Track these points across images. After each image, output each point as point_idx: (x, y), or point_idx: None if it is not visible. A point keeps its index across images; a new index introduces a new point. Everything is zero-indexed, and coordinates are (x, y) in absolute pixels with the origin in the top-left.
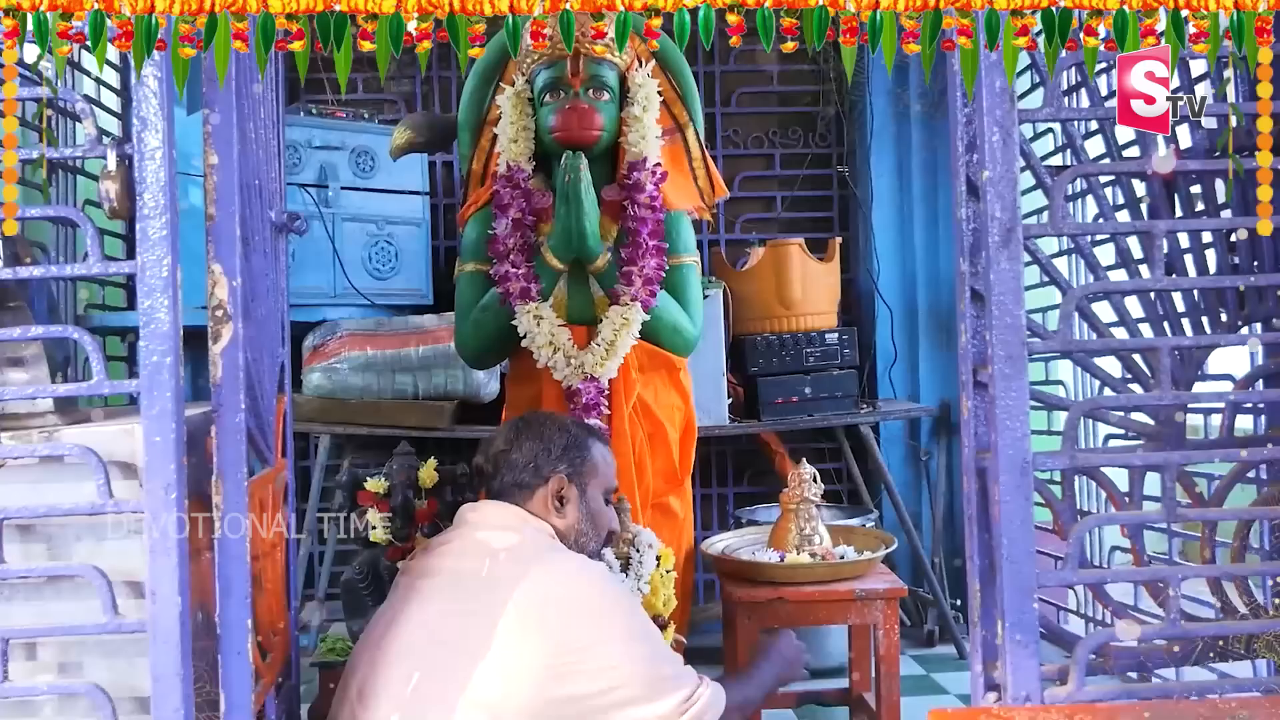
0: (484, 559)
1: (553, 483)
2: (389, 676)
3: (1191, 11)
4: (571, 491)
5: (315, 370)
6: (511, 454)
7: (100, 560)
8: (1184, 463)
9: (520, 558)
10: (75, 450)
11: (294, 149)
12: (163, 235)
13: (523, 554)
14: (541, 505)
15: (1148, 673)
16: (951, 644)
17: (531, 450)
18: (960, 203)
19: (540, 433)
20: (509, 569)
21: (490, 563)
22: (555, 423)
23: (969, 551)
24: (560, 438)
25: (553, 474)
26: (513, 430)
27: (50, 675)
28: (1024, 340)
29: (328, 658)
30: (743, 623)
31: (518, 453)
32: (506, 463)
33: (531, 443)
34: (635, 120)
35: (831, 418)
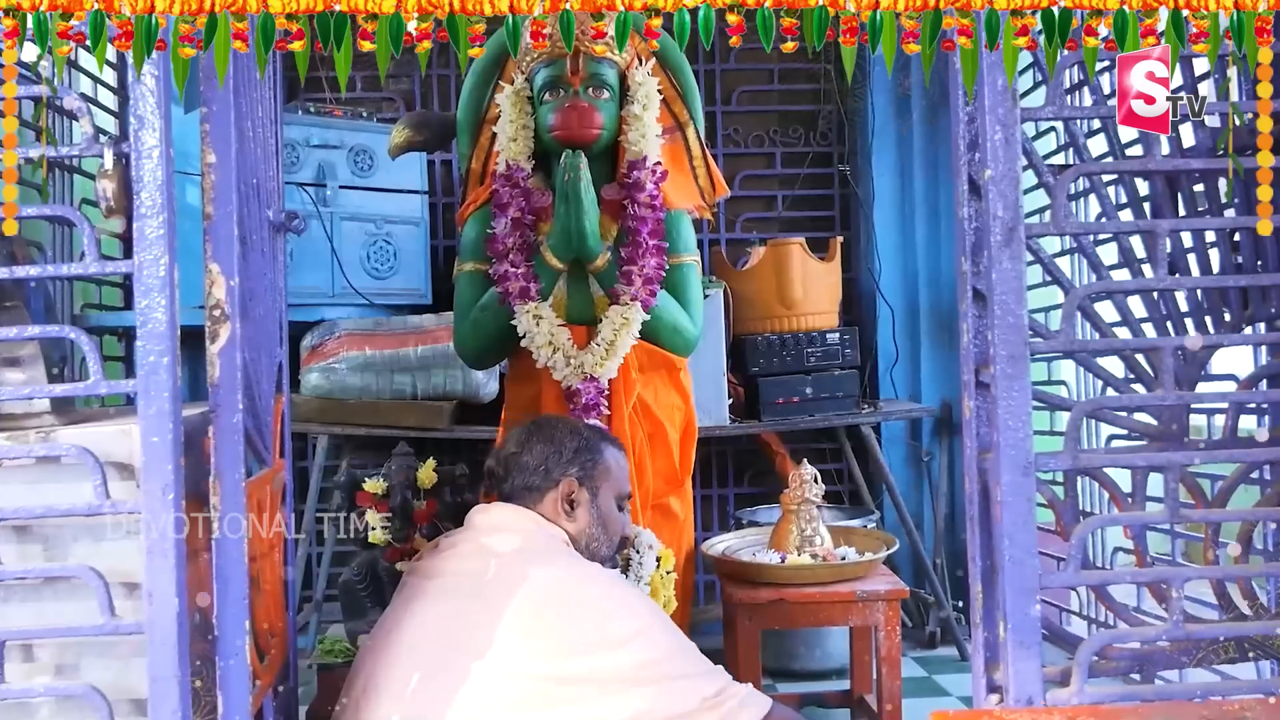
0: (488, 561)
1: (563, 486)
2: (391, 676)
3: (1191, 11)
4: (582, 495)
5: (313, 370)
6: (522, 456)
7: (97, 561)
8: (1187, 463)
9: (523, 560)
10: (72, 451)
11: (292, 148)
12: (160, 234)
13: (526, 556)
14: (552, 508)
15: (1150, 675)
16: (953, 646)
17: (542, 453)
18: (962, 202)
19: (551, 435)
20: (512, 570)
21: (494, 565)
22: (567, 426)
23: (971, 552)
24: (572, 441)
25: (563, 477)
26: (524, 433)
27: (47, 677)
28: (1026, 340)
29: (326, 660)
30: (743, 624)
31: (528, 455)
32: (517, 465)
33: (542, 445)
34: (635, 119)
35: (833, 418)
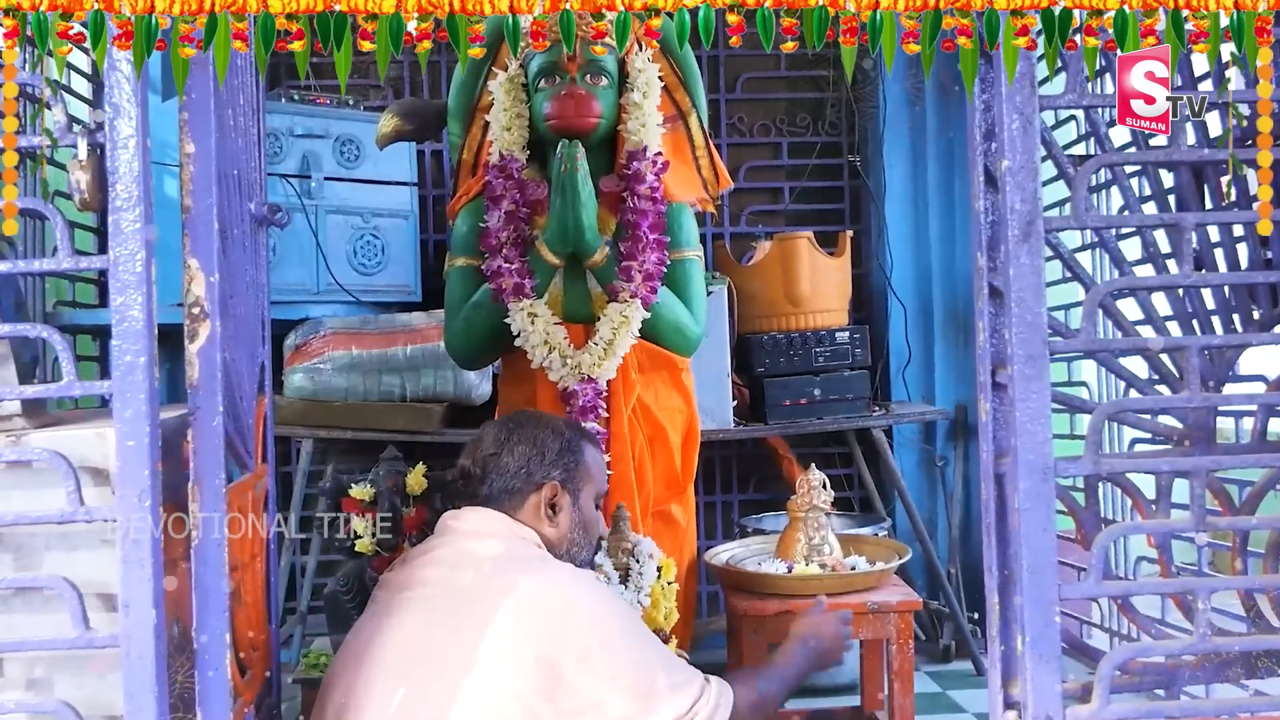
0: (468, 570)
1: (546, 489)
2: (371, 694)
3: (1191, 11)
4: (564, 499)
5: (297, 371)
6: (502, 458)
7: (71, 571)
8: (1214, 468)
9: (506, 568)
10: (44, 455)
11: (275, 137)
12: (136, 228)
13: (509, 565)
14: (533, 513)
15: (1176, 690)
16: (969, 660)
17: (524, 455)
18: (978, 194)
19: (533, 436)
20: (495, 580)
21: (474, 574)
22: (548, 424)
23: (987, 562)
24: (554, 441)
25: (546, 480)
26: (503, 432)
27: (18, 692)
28: (1045, 339)
29: (310, 674)
30: (748, 637)
31: (509, 457)
32: (496, 467)
33: (524, 447)
34: (635, 107)
35: (842, 421)
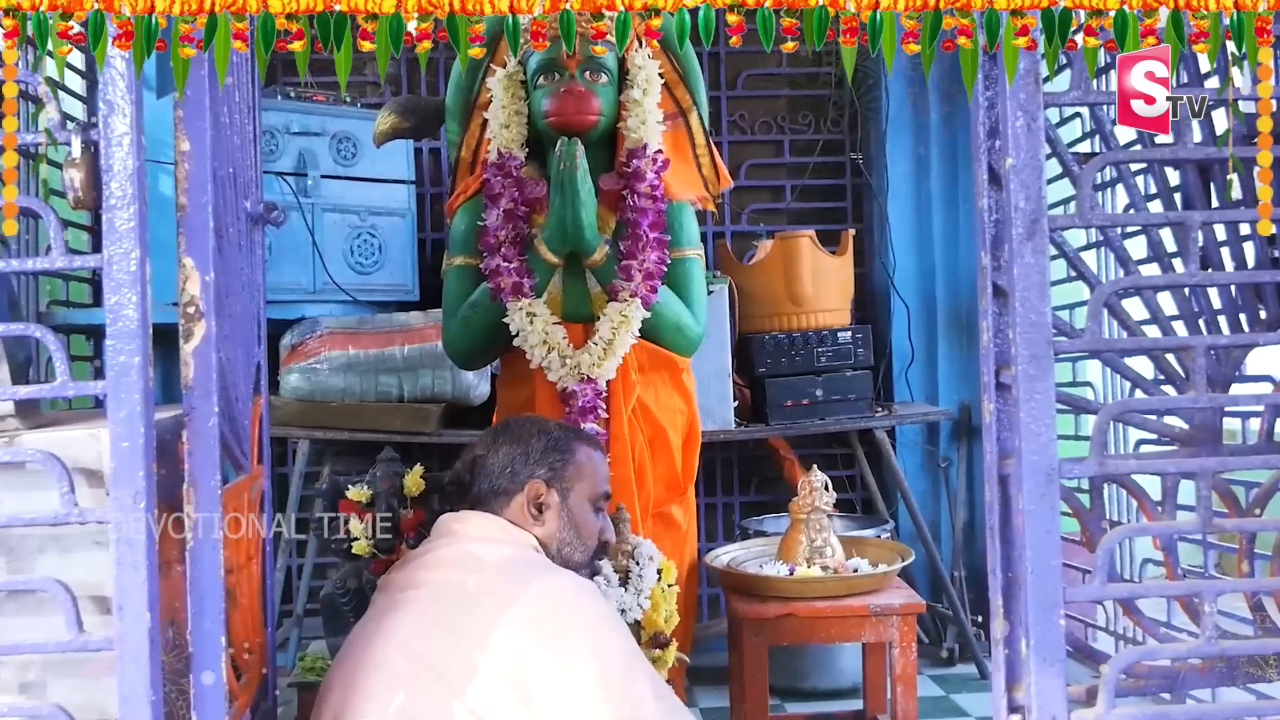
0: (470, 573)
1: (529, 488)
2: (370, 697)
3: (1191, 11)
4: (551, 498)
5: (293, 371)
6: (488, 460)
7: (64, 573)
8: (1220, 469)
9: (510, 574)
10: (37, 456)
11: (270, 135)
12: (131, 227)
13: (513, 570)
14: (519, 513)
15: (1182, 694)
16: (972, 663)
17: (508, 455)
18: (982, 192)
19: (518, 436)
20: (499, 585)
21: (477, 578)
22: (535, 425)
23: (990, 564)
24: (539, 441)
25: (530, 479)
26: (491, 435)
27: (11, 696)
28: (1050, 339)
29: (307, 678)
30: (749, 640)
31: (494, 458)
32: (483, 469)
33: (509, 447)
34: (635, 104)
35: (844, 421)
